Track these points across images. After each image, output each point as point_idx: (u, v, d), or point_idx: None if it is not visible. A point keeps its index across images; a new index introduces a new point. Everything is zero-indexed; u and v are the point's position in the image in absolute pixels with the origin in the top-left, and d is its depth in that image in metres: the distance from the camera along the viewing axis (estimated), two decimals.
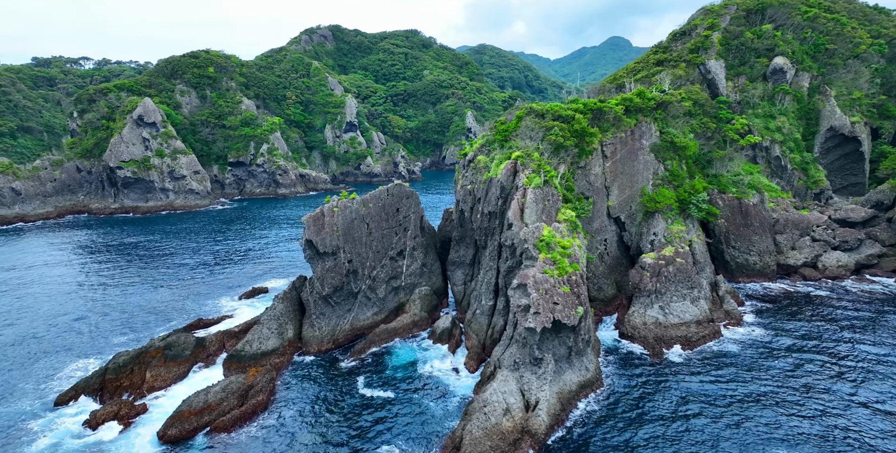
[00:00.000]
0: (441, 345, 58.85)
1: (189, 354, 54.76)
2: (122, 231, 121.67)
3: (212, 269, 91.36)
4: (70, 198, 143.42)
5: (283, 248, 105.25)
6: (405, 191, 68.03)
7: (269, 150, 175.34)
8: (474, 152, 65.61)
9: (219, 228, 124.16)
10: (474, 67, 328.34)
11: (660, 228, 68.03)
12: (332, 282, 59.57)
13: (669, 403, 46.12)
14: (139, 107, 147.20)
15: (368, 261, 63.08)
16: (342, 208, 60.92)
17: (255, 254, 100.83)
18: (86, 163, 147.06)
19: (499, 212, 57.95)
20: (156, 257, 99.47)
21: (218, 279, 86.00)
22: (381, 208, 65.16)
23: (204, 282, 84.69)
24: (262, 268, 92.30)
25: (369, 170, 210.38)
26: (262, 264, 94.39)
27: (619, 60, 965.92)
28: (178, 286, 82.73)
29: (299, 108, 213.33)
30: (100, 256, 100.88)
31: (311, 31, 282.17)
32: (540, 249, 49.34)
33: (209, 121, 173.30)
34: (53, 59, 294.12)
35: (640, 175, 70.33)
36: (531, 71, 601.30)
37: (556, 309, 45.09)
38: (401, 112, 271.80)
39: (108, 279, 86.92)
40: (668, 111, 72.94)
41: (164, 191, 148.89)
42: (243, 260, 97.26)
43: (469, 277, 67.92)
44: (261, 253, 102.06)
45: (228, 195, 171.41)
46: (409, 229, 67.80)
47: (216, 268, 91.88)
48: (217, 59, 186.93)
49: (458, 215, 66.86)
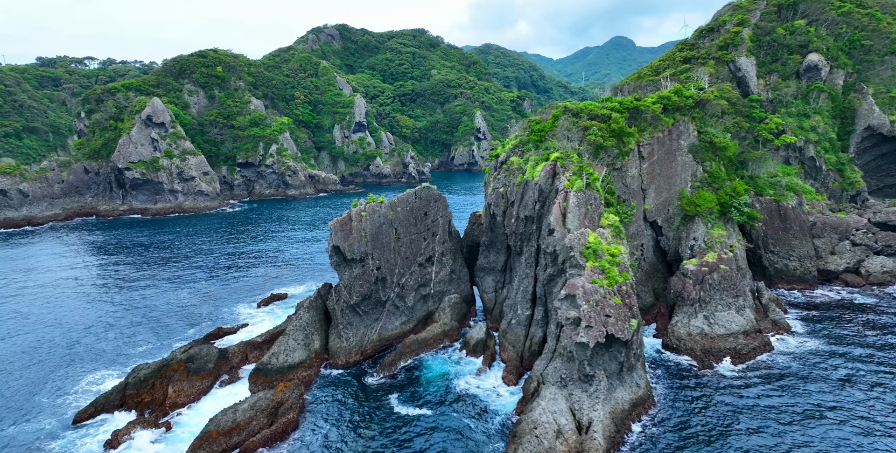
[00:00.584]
0: (475, 358, 55.85)
1: (212, 367, 51.90)
2: (132, 234, 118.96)
3: (226, 274, 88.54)
4: (78, 199, 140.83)
5: (299, 252, 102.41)
6: (433, 193, 65.10)
7: (279, 151, 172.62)
8: (507, 153, 62.63)
9: (231, 231, 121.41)
10: (482, 67, 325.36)
11: (700, 233, 64.97)
12: (360, 291, 56.66)
13: (731, 423, 43.06)
14: (148, 107, 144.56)
15: (397, 268, 60.14)
16: (370, 212, 58.00)
17: (270, 258, 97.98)
18: (94, 164, 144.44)
19: (536, 216, 54.96)
20: (168, 261, 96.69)
21: (234, 284, 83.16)
22: (410, 212, 62.24)
23: (219, 287, 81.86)
24: (279, 272, 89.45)
25: (378, 170, 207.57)
26: (279, 269, 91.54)
27: (622, 60, 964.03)
28: (193, 292, 79.92)
29: (308, 108, 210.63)
30: (111, 260, 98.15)
31: (317, 31, 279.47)
32: (587, 257, 46.35)
33: (218, 121, 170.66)
34: (58, 58, 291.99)
35: (678, 177, 67.28)
36: (536, 70, 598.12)
37: (608, 322, 42.11)
38: (409, 112, 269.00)
39: (121, 284, 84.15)
40: (706, 110, 69.87)
41: (173, 192, 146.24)
42: (258, 264, 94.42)
43: (500, 284, 64.97)
44: (276, 257, 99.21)
45: (237, 196, 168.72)
46: (438, 234, 64.86)
47: (231, 273, 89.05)
48: (225, 59, 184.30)
49: (489, 219, 63.96)
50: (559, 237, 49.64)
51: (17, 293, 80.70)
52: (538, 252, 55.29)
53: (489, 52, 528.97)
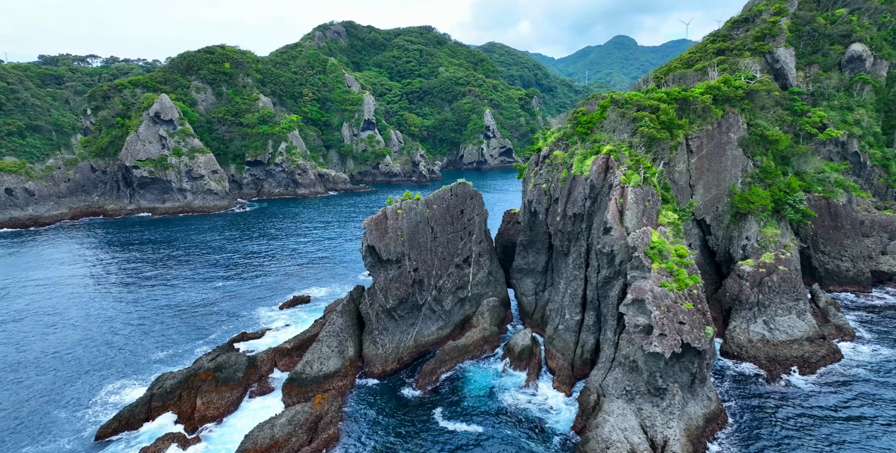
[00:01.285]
0: (520, 367, 52.06)
1: (241, 376, 48.16)
2: (141, 233, 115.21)
3: (244, 274, 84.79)
4: (84, 198, 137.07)
5: (316, 252, 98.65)
6: (469, 190, 61.38)
7: (288, 149, 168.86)
8: (549, 147, 58.86)
9: (243, 230, 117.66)
10: (489, 64, 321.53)
11: (752, 232, 61.20)
12: (396, 294, 52.91)
13: (814, 441, 39.32)
14: (155, 103, 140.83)
15: (434, 270, 56.41)
16: (407, 210, 54.26)
17: (287, 259, 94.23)
18: (100, 162, 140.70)
19: (586, 213, 51.18)
20: (182, 261, 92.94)
21: (252, 286, 79.41)
22: (446, 210, 58.52)
23: (238, 289, 78.11)
24: (298, 273, 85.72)
25: (388, 169, 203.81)
26: (297, 269, 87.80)
27: (624, 60, 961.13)
28: (210, 293, 76.19)
29: (316, 106, 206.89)
30: (122, 261, 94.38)
31: (324, 28, 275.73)
32: (652, 258, 42.60)
33: (226, 118, 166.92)
34: (60, 56, 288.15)
35: (727, 172, 63.49)
36: (540, 69, 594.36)
37: (682, 329, 38.40)
38: (416, 110, 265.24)
39: (134, 286, 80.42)
40: (755, 101, 66.08)
41: (181, 191, 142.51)
42: (275, 264, 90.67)
43: (541, 287, 61.23)
44: (293, 257, 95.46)
45: (246, 195, 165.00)
46: (475, 233, 61.13)
47: (248, 273, 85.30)
48: (233, 55, 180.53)
49: (528, 217, 60.23)
50: (617, 236, 45.88)
51: (25, 295, 76.98)
52: (588, 252, 51.55)
53: (493, 51, 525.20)
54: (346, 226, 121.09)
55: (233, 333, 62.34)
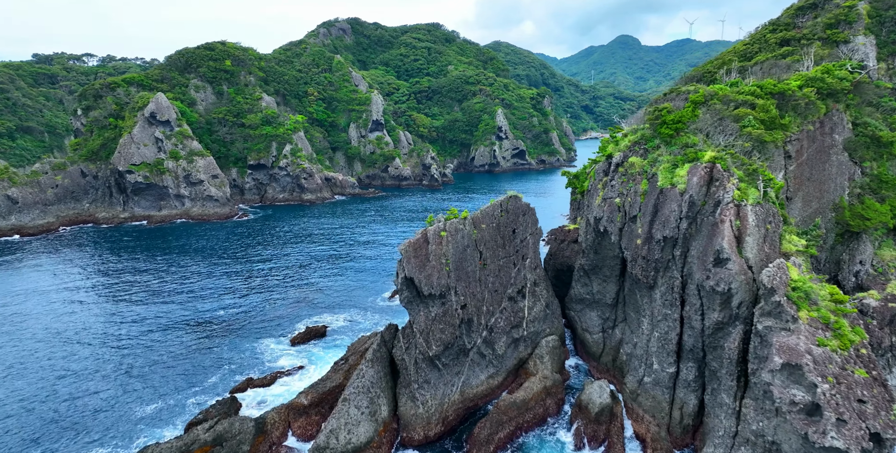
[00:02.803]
0: (596, 442, 41.04)
1: (247, 450, 37.45)
2: (133, 246, 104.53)
3: (246, 298, 74.07)
4: (74, 206, 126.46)
5: (328, 270, 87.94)
6: (521, 205, 50.63)
7: (293, 152, 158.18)
8: (623, 153, 48.07)
9: (245, 242, 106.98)
10: (499, 63, 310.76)
11: (867, 255, 50.46)
12: (441, 337, 42.17)
13: None
14: (151, 103, 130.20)
15: (485, 305, 45.66)
16: (452, 232, 43.52)
17: (296, 277, 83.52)
18: (91, 166, 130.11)
19: (681, 237, 40.40)
20: (177, 281, 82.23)
21: (258, 312, 68.71)
22: (496, 230, 47.77)
23: (241, 315, 67.42)
24: (308, 296, 75.00)
25: (398, 172, 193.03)
26: (307, 291, 77.08)
27: (627, 59, 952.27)
28: (209, 321, 65.52)
29: (322, 106, 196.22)
30: (109, 280, 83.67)
31: (329, 24, 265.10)
32: (798, 303, 31.85)
33: (227, 119, 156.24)
34: (55, 55, 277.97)
35: (832, 181, 52.73)
36: (547, 68, 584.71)
37: (865, 412, 27.60)
38: (425, 110, 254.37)
39: (121, 311, 69.70)
40: (863, 96, 55.40)
41: (179, 197, 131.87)
42: (283, 285, 79.94)
43: (611, 322, 50.43)
44: (302, 275, 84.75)
45: (248, 201, 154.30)
46: (529, 257, 50.39)
47: (252, 297, 74.59)
48: (234, 52, 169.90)
49: (593, 237, 49.51)
50: (736, 270, 35.16)
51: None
52: (684, 286, 40.78)
53: (499, 50, 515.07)
54: (358, 237, 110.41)
55: (235, 377, 51.74)
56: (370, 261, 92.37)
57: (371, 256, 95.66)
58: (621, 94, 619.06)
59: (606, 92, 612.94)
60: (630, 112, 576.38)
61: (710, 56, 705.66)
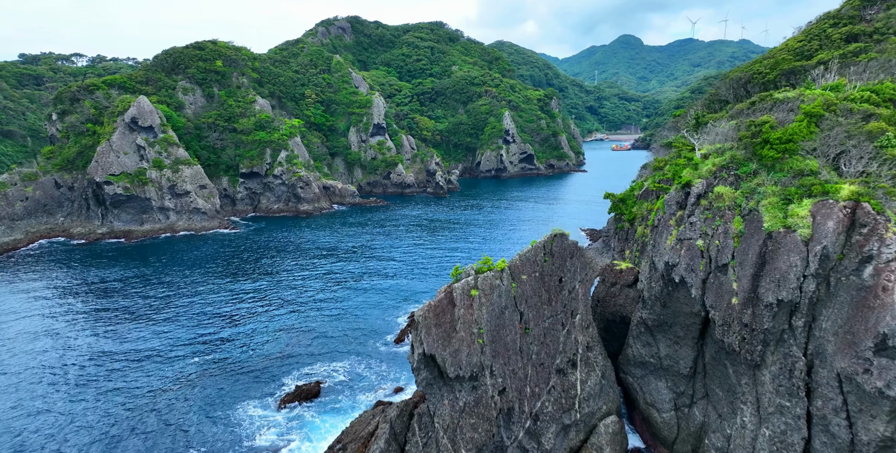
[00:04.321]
0: None
1: None
2: (103, 268, 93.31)
3: (227, 341, 62.84)
4: (46, 220, 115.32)
5: (322, 298, 76.79)
6: (568, 245, 39.42)
7: (288, 159, 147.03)
8: (706, 180, 36.85)
9: (231, 262, 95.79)
10: (505, 63, 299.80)
11: None
12: (472, 437, 31.04)
13: None
14: (132, 107, 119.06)
15: (528, 386, 34.50)
16: (487, 289, 32.40)
17: (283, 310, 72.35)
18: (66, 176, 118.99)
19: (806, 303, 29.23)
20: (143, 317, 70.92)
21: (238, 361, 57.50)
22: (540, 281, 36.61)
23: (216, 368, 56.21)
24: (297, 337, 63.83)
25: (400, 179, 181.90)
26: (296, 329, 65.90)
27: (630, 59, 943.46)
28: (174, 379, 54.26)
29: (320, 109, 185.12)
30: (54, 312, 72.39)
31: (328, 23, 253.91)
32: None
33: (217, 123, 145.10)
34: (43, 55, 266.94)
35: None
36: (551, 69, 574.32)
37: None
38: (428, 112, 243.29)
39: (68, 363, 58.42)
40: None
41: (163, 210, 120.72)
42: (270, 320, 68.73)
43: (687, 399, 39.17)
44: (291, 307, 73.58)
45: (240, 212, 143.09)
46: (580, 313, 39.21)
47: (234, 338, 63.35)
48: (226, 52, 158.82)
49: (662, 287, 38.42)
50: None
51: None
52: (810, 371, 29.60)
53: (503, 49, 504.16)
54: (357, 256, 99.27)
55: None
56: (371, 288, 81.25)
57: (372, 281, 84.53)
58: (626, 95, 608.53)
59: (611, 92, 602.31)
60: (636, 113, 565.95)
61: (714, 56, 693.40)
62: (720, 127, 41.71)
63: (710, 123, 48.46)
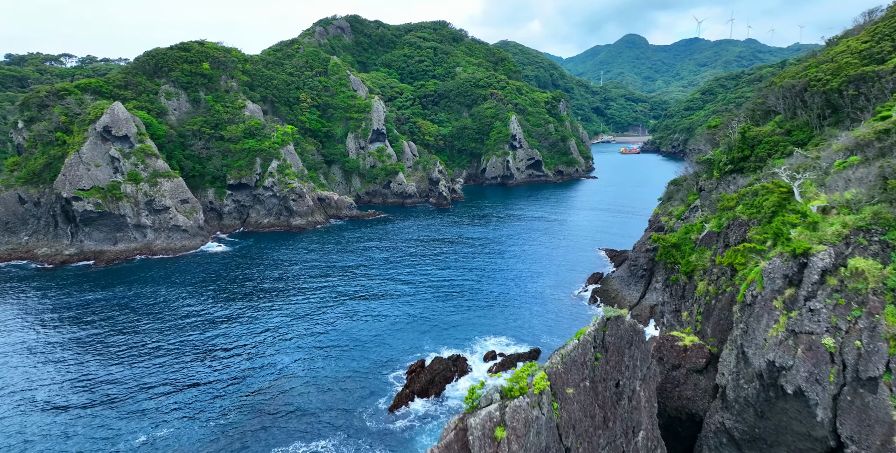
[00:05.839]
0: None
1: None
2: (60, 300, 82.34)
3: (176, 409, 51.65)
4: (7, 240, 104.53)
5: (303, 342, 65.57)
6: (624, 331, 28.10)
7: (280, 168, 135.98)
8: (832, 248, 25.54)
9: (204, 291, 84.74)
10: (511, 64, 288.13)
11: None
12: None
13: None
14: (105, 114, 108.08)
15: None
16: (518, 427, 21.09)
17: (258, 357, 61.19)
18: (32, 190, 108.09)
19: None
20: (83, 377, 59.79)
21: (205, 434, 46.30)
22: (590, 392, 25.33)
23: (182, 440, 45.03)
24: (272, 397, 52.65)
25: (401, 188, 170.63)
26: (272, 388, 54.72)
27: (635, 59, 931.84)
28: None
29: (316, 114, 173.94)
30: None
31: (325, 22, 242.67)
32: None
33: (203, 131, 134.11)
34: (30, 55, 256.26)
35: None
36: (556, 69, 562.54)
37: None
38: (431, 116, 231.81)
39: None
40: None
41: (139, 228, 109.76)
42: (238, 374, 57.56)
43: None
44: (267, 352, 62.39)
45: (227, 227, 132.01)
46: (644, 428, 27.89)
47: (186, 404, 52.15)
48: (214, 53, 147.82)
49: (758, 391, 27.16)
50: None
51: None
52: None
53: (507, 50, 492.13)
54: (348, 284, 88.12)
55: None
56: (362, 328, 70.09)
57: (363, 318, 73.37)
58: (633, 96, 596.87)
59: (617, 93, 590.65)
60: (643, 114, 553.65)
61: (720, 56, 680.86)
62: (841, 167, 30.26)
63: (796, 153, 37.10)
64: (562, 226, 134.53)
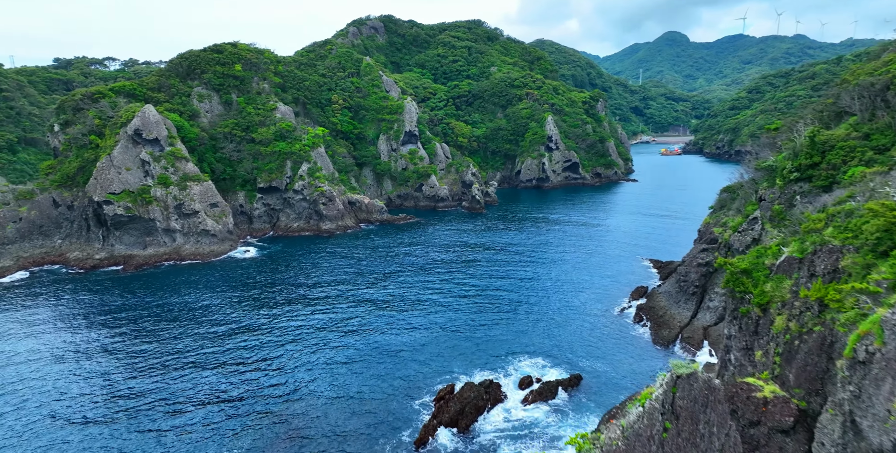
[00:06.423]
0: None
1: None
2: (82, 306, 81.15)
3: (221, 429, 48.37)
4: (42, 243, 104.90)
5: (327, 352, 61.72)
6: (697, 391, 22.63)
7: (310, 171, 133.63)
8: None
9: (235, 301, 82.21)
10: (547, 63, 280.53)
11: None
12: None
13: None
14: (136, 118, 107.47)
15: None
16: None
17: (272, 379, 57.58)
18: (66, 194, 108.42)
19: None
20: (118, 397, 57.35)
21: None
22: None
23: None
24: (288, 429, 48.76)
25: (433, 192, 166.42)
26: (286, 416, 50.88)
27: (675, 57, 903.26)
28: None
29: (347, 115, 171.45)
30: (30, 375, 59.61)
31: (359, 23, 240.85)
32: None
33: (234, 133, 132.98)
34: (75, 59, 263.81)
35: None
36: (593, 68, 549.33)
37: None
38: (465, 117, 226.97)
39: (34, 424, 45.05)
40: None
41: (168, 232, 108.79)
42: (251, 402, 54.02)
43: None
44: (281, 373, 58.72)
45: (257, 232, 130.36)
46: None
47: (228, 426, 48.82)
48: (246, 55, 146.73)
49: None
50: None
51: None
52: None
53: (543, 48, 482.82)
54: (373, 294, 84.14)
55: None
56: (388, 343, 65.85)
57: (390, 332, 69.13)
58: (673, 95, 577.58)
59: (657, 92, 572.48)
60: (684, 113, 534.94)
61: (766, 52, 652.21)
62: None
63: None
64: (601, 231, 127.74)
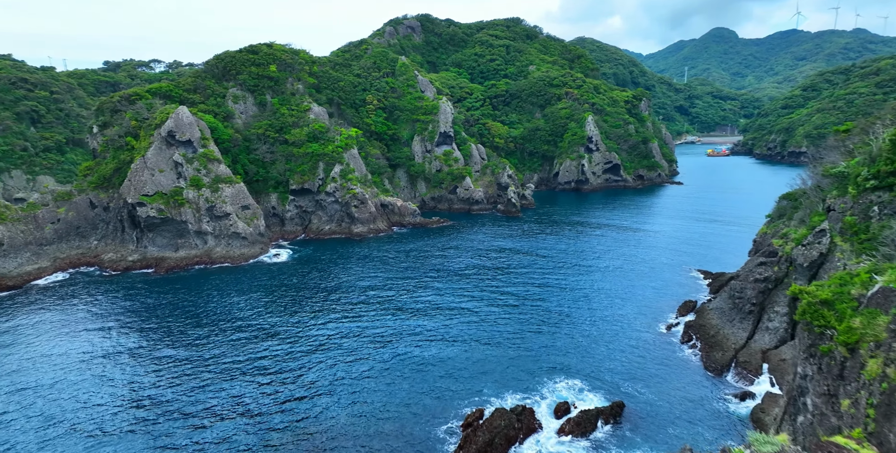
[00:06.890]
0: None
1: None
2: (105, 308, 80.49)
3: (233, 446, 45.62)
4: (78, 244, 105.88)
5: (347, 367, 58.22)
6: None
7: (343, 173, 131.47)
8: None
9: (262, 307, 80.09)
10: (588, 61, 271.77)
11: None
12: None
13: None
14: (170, 119, 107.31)
15: None
16: None
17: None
18: (102, 195, 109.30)
19: None
20: (138, 406, 55.43)
21: None
22: None
23: None
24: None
25: (468, 194, 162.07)
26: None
27: (722, 54, 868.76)
28: None
29: (381, 116, 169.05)
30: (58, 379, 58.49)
31: (396, 22, 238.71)
32: None
33: (268, 135, 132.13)
34: (123, 62, 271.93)
35: None
36: (636, 66, 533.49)
37: None
38: (501, 117, 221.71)
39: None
40: None
41: (200, 234, 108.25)
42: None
43: None
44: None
45: (289, 234, 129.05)
46: None
47: (240, 442, 46.04)
48: (281, 55, 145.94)
49: None
50: None
51: None
52: None
53: (584, 46, 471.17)
54: (402, 302, 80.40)
55: None
56: (419, 355, 61.94)
57: (420, 343, 65.21)
58: (721, 93, 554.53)
59: (703, 91, 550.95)
60: (732, 112, 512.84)
61: (822, 48, 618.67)
62: None
63: None
64: (645, 237, 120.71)
